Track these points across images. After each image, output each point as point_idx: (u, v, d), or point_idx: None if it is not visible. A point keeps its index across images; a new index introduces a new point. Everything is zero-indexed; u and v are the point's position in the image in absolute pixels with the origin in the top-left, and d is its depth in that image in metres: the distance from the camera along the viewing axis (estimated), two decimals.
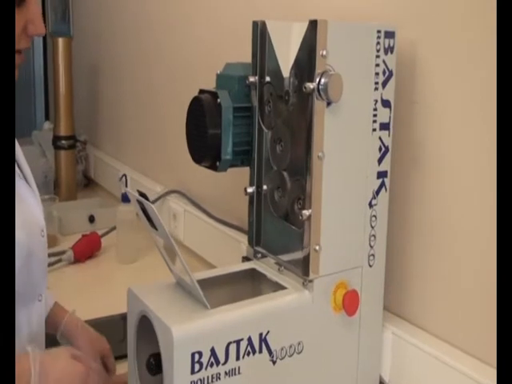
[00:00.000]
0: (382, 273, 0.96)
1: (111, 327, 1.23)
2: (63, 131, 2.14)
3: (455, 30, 0.87)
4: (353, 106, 0.83)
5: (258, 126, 0.93)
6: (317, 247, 0.85)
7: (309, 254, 0.86)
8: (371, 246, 0.93)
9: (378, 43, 0.85)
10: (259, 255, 0.99)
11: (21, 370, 0.72)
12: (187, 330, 0.76)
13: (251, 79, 0.91)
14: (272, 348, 0.84)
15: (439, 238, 0.95)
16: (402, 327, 1.00)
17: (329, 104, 0.81)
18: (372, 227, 0.92)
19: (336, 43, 0.79)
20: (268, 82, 0.90)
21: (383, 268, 0.96)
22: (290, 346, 0.87)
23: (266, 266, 0.97)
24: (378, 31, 0.84)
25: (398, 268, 1.00)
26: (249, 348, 0.82)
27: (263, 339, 0.83)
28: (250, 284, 0.95)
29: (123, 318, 1.20)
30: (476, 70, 0.85)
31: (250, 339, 0.82)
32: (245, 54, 0.99)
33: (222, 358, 0.79)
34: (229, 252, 1.34)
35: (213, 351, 0.78)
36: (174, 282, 0.89)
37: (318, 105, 0.80)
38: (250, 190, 0.96)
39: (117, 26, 2.10)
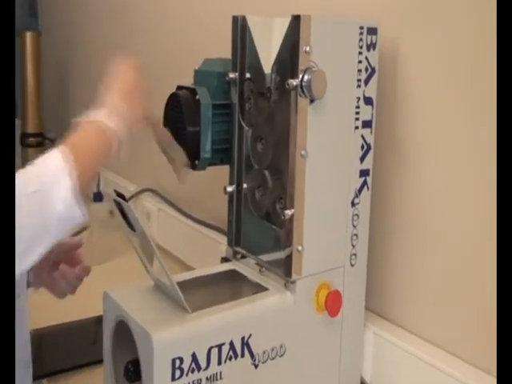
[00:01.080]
0: (363, 272, 0.95)
1: (83, 331, 1.20)
2: (31, 128, 2.08)
3: (437, 27, 0.87)
4: (335, 103, 0.82)
5: (238, 123, 0.91)
6: (299, 247, 0.83)
7: (291, 255, 0.84)
8: (353, 246, 0.92)
9: (361, 39, 0.83)
10: (239, 256, 0.97)
11: None
12: (167, 335, 0.73)
13: (231, 75, 0.88)
14: (254, 352, 0.82)
15: (421, 237, 0.94)
16: (384, 327, 0.99)
17: (312, 101, 0.79)
18: (354, 226, 0.91)
19: (319, 39, 0.77)
20: (248, 79, 0.87)
21: (365, 267, 0.95)
22: (273, 349, 0.85)
23: (246, 267, 0.94)
24: (361, 27, 0.83)
25: (379, 267, 0.99)
26: (231, 352, 0.79)
27: (245, 343, 0.81)
28: (230, 286, 0.92)
29: (96, 321, 1.17)
30: (459, 67, 0.85)
31: (231, 343, 0.79)
32: (224, 50, 0.96)
33: (203, 364, 0.77)
34: (207, 253, 1.31)
35: (194, 357, 0.76)
36: (151, 284, 0.86)
37: (301, 102, 0.78)
38: (229, 188, 0.93)
39: (88, 19, 2.04)
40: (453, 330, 0.91)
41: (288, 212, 0.82)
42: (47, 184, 0.63)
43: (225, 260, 0.99)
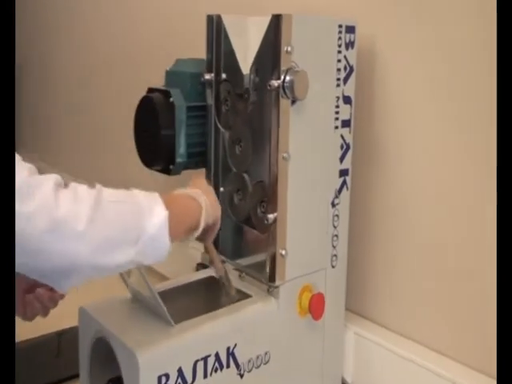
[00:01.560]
0: (344, 273, 0.94)
1: (46, 346, 1.14)
2: None
3: (414, 24, 0.86)
4: (316, 103, 0.80)
5: (214, 125, 0.88)
6: (283, 252, 0.82)
7: (274, 260, 0.82)
8: (334, 247, 0.91)
9: (340, 38, 0.81)
10: None
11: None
12: (153, 352, 0.70)
13: (207, 77, 0.85)
14: (239, 361, 0.80)
15: (400, 236, 0.94)
16: (364, 326, 0.99)
17: (293, 102, 0.77)
18: (335, 227, 0.90)
19: (300, 38, 0.75)
20: (225, 80, 0.84)
21: (345, 268, 0.94)
22: (257, 357, 0.82)
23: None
24: (340, 26, 0.81)
25: (359, 267, 0.99)
26: (216, 364, 0.77)
27: (230, 353, 0.78)
28: (210, 294, 0.89)
29: (58, 334, 1.14)
30: (436, 64, 0.84)
31: (217, 355, 0.77)
32: (195, 50, 0.93)
33: (189, 378, 0.74)
34: (180, 259, 1.27)
35: (180, 372, 0.72)
36: (129, 297, 0.82)
37: (283, 103, 0.76)
38: None
39: (45, 18, 1.94)
40: (432, 327, 0.91)
41: (271, 216, 0.80)
42: (144, 204, 0.64)
43: (201, 266, 0.96)
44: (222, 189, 0.90)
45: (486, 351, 0.84)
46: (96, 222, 0.58)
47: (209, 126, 0.88)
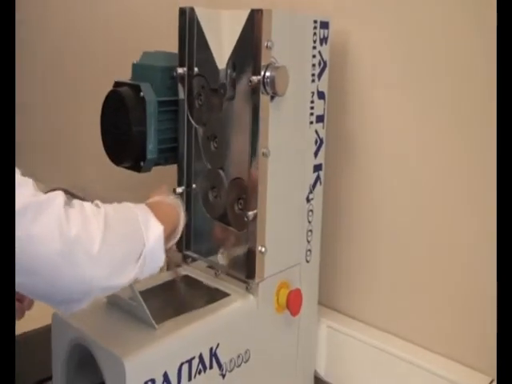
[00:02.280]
0: (317, 267, 0.95)
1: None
2: None
3: (387, 18, 0.87)
4: (293, 99, 0.79)
5: (186, 121, 0.85)
6: (262, 249, 0.81)
7: (253, 257, 0.81)
8: (308, 242, 0.91)
9: (315, 34, 0.81)
10: (189, 260, 0.92)
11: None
12: (139, 358, 0.67)
13: (180, 71, 0.82)
14: (222, 361, 0.79)
15: (370, 229, 0.95)
16: (337, 319, 1.00)
17: (272, 98, 0.76)
18: (309, 222, 0.90)
19: (279, 34, 0.74)
20: (198, 74, 0.82)
21: (318, 262, 0.95)
22: (238, 356, 0.82)
23: (198, 272, 0.90)
24: (315, 21, 0.81)
25: (330, 261, 1.00)
26: (200, 366, 0.75)
27: (213, 354, 0.77)
28: (187, 293, 0.88)
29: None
30: (410, 58, 0.86)
31: (200, 356, 0.75)
32: (162, 43, 0.90)
33: (174, 382, 0.72)
34: None
35: (165, 376, 0.71)
36: (103, 300, 0.79)
37: (263, 99, 0.75)
38: (179, 190, 0.88)
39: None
40: (405, 317, 0.94)
41: (251, 213, 0.79)
42: (138, 217, 0.64)
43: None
44: (194, 185, 0.88)
45: (458, 339, 0.87)
46: (108, 243, 0.57)
47: (180, 121, 0.86)
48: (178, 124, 0.87)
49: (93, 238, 0.56)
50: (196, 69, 0.83)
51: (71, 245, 0.54)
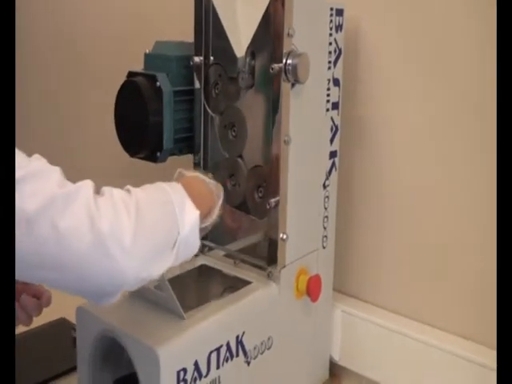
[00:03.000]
0: (332, 253, 0.96)
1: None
2: None
3: (398, 5, 0.87)
4: (312, 86, 0.80)
5: (203, 110, 0.85)
6: (284, 236, 0.81)
7: (275, 244, 0.82)
8: (325, 228, 0.92)
9: (331, 21, 0.81)
10: (206, 249, 0.92)
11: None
12: (172, 348, 0.68)
13: (196, 60, 0.82)
14: (247, 349, 0.79)
15: (382, 214, 0.97)
16: (351, 304, 1.01)
17: (293, 85, 0.76)
18: (325, 208, 0.91)
19: (299, 21, 0.74)
20: (215, 63, 0.82)
21: (333, 248, 0.96)
22: (262, 343, 0.82)
23: (216, 261, 0.90)
24: (331, 9, 0.81)
25: (345, 246, 1.01)
26: (227, 354, 0.76)
27: (239, 341, 0.78)
28: (208, 283, 0.88)
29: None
30: (421, 43, 0.86)
31: (228, 344, 0.76)
32: (173, 31, 0.89)
33: (204, 370, 0.72)
34: None
35: (196, 365, 0.71)
36: (126, 293, 0.79)
37: (284, 86, 0.75)
38: None
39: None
40: (418, 299, 0.95)
41: (272, 201, 0.79)
42: (173, 201, 0.59)
43: None
44: (211, 175, 0.88)
45: (473, 318, 0.89)
46: (140, 233, 0.54)
47: (196, 110, 0.86)
48: (194, 113, 0.86)
49: (124, 229, 0.53)
50: (212, 58, 0.82)
51: (103, 237, 0.51)
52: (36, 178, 0.50)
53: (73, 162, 1.53)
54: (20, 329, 0.80)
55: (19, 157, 0.51)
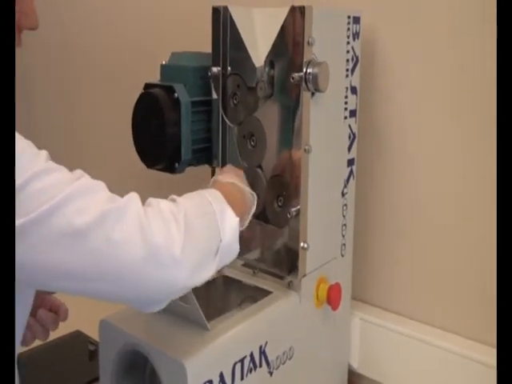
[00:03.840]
0: (350, 261, 0.95)
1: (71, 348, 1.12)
2: None
3: (414, 13, 0.88)
4: (331, 94, 0.79)
5: (221, 121, 0.85)
6: (305, 245, 0.81)
7: (295, 253, 0.82)
8: (343, 236, 0.91)
9: (348, 29, 0.82)
10: None
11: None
12: (198, 360, 0.67)
13: (214, 70, 0.82)
14: (269, 359, 0.79)
15: (399, 222, 0.96)
16: (369, 312, 1.00)
17: (313, 94, 0.76)
18: (344, 216, 0.90)
19: (318, 30, 0.74)
20: (234, 73, 0.82)
21: (351, 256, 0.95)
22: (284, 353, 0.82)
23: (235, 271, 0.90)
24: (348, 17, 0.81)
25: (362, 254, 1.00)
26: (251, 364, 0.76)
27: (262, 352, 0.77)
28: (229, 293, 0.88)
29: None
30: (439, 53, 0.86)
31: (251, 355, 0.75)
32: (190, 42, 0.89)
33: (229, 382, 0.72)
34: None
35: (221, 376, 0.71)
36: None
37: (305, 95, 0.75)
38: None
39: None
40: (434, 304, 0.95)
41: (293, 210, 0.79)
42: (215, 211, 0.61)
43: None
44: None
45: (493, 325, 0.88)
46: (189, 244, 0.55)
47: (214, 121, 0.86)
48: (211, 124, 0.86)
49: (175, 240, 0.55)
50: (229, 68, 0.82)
51: (154, 249, 0.53)
52: (85, 195, 0.51)
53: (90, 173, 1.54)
54: (36, 342, 0.80)
55: (63, 172, 0.52)
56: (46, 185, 0.50)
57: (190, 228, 0.56)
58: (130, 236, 0.51)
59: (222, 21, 0.80)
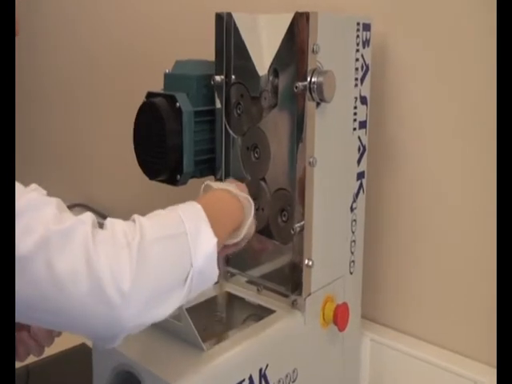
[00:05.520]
0: (360, 279, 0.91)
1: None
2: None
3: (427, 21, 0.84)
4: (338, 104, 0.76)
5: (224, 131, 0.82)
6: (309, 262, 0.77)
7: (300, 270, 0.78)
8: (352, 253, 0.87)
9: (358, 36, 0.78)
10: (228, 275, 0.88)
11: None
12: (191, 383, 0.64)
13: (217, 79, 0.79)
14: (270, 382, 0.75)
15: (411, 239, 0.92)
16: (380, 332, 0.96)
17: (318, 104, 0.73)
18: (353, 232, 0.86)
19: (324, 37, 0.71)
20: (237, 82, 0.79)
21: (361, 274, 0.91)
22: (286, 376, 0.78)
23: (239, 287, 0.86)
24: (358, 23, 0.77)
25: (373, 272, 0.96)
26: None
27: (263, 375, 0.73)
28: (231, 311, 0.84)
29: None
30: (451, 63, 0.82)
31: (250, 378, 0.71)
32: (193, 50, 0.87)
33: None
34: None
35: None
36: None
37: (309, 105, 0.71)
38: None
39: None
40: (446, 326, 0.90)
41: (297, 225, 0.75)
42: (187, 231, 0.54)
43: None
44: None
45: None
46: (142, 274, 0.49)
47: (217, 131, 0.83)
48: (215, 134, 0.83)
49: (124, 270, 0.48)
50: (233, 76, 0.79)
51: (99, 282, 0.47)
52: (29, 212, 0.46)
53: (94, 182, 1.53)
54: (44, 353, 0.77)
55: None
56: None
57: (146, 254, 0.50)
58: (74, 265, 0.46)
59: (225, 28, 0.77)
